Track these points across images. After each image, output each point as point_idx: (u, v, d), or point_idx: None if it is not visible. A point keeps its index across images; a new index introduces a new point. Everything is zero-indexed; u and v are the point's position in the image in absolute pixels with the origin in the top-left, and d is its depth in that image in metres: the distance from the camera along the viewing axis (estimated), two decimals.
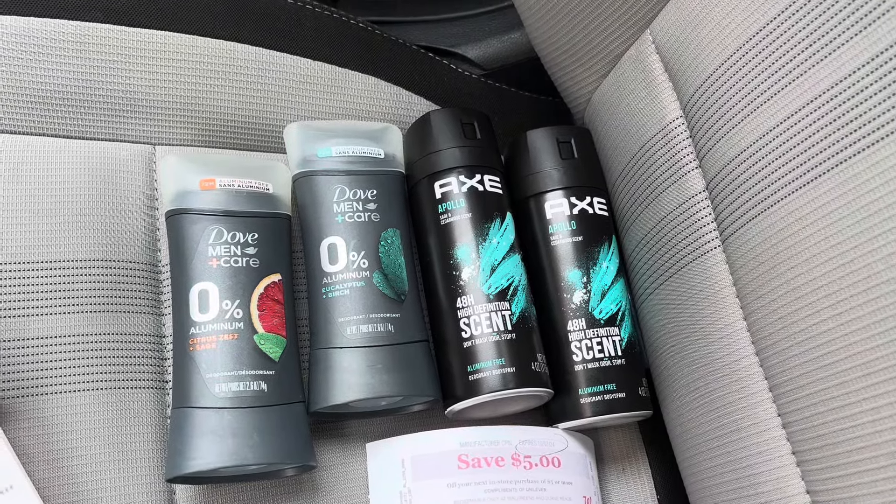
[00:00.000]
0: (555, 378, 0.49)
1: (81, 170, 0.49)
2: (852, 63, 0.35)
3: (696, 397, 0.47)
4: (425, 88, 0.59)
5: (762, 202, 0.40)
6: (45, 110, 0.49)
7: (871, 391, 0.34)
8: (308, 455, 0.44)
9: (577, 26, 0.53)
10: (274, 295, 0.46)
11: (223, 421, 0.42)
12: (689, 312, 0.47)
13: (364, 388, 0.45)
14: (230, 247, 0.46)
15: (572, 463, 0.49)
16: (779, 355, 0.40)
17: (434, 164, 0.51)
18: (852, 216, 0.35)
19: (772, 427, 0.41)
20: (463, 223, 0.49)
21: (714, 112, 0.43)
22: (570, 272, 0.50)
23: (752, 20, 0.40)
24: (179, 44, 0.52)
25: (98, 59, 0.50)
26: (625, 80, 0.52)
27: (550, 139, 0.53)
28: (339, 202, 0.49)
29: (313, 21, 0.56)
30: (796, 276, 0.38)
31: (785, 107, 0.38)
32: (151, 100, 0.51)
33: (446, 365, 0.48)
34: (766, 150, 0.40)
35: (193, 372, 0.43)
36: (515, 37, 0.66)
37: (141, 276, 0.48)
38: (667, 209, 0.48)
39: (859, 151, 0.35)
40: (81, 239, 0.47)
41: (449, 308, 0.48)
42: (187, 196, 0.47)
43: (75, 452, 0.43)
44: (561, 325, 0.50)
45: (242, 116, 0.54)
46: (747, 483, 0.42)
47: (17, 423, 0.43)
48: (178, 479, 0.43)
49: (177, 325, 0.45)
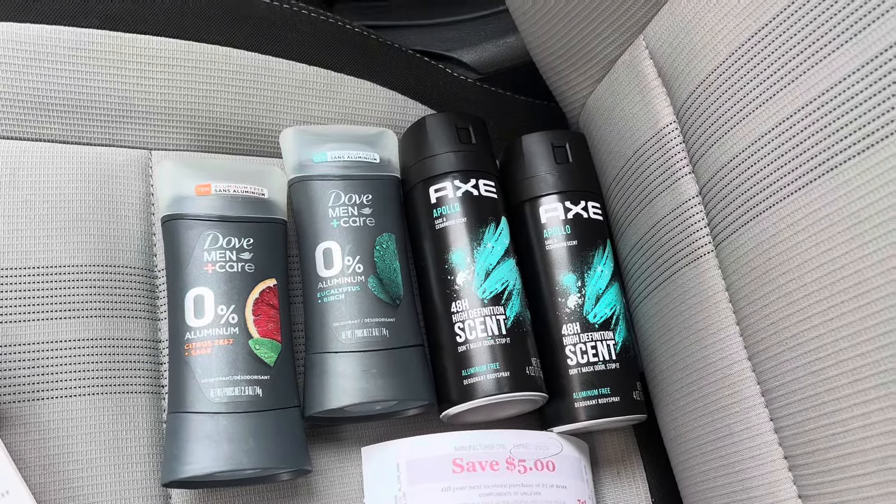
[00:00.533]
0: (549, 382, 0.50)
1: (78, 175, 0.49)
2: (844, 69, 0.35)
3: (689, 401, 0.47)
4: (421, 93, 0.59)
5: (755, 207, 0.40)
6: (41, 116, 0.49)
7: (861, 397, 0.34)
8: (303, 459, 0.45)
9: (571, 31, 0.53)
10: (269, 300, 0.46)
11: (219, 426, 0.42)
12: (682, 317, 0.47)
13: (359, 392, 0.45)
14: (225, 252, 0.46)
15: (567, 467, 0.49)
16: (771, 360, 0.40)
17: (429, 169, 0.51)
18: (843, 222, 0.35)
19: (764, 431, 0.41)
20: (458, 228, 0.50)
21: (707, 117, 0.43)
22: (564, 276, 0.50)
23: (745, 26, 0.40)
24: (175, 49, 0.52)
25: (94, 64, 0.50)
26: (619, 85, 0.52)
27: (545, 144, 0.53)
28: (335, 207, 0.49)
29: (309, 26, 0.57)
30: (788, 282, 0.38)
31: (777, 112, 0.39)
32: (147, 105, 0.52)
33: (441, 369, 0.48)
34: (759, 155, 0.40)
35: (189, 377, 0.43)
36: (510, 41, 0.66)
37: (137, 282, 0.48)
38: (660, 214, 0.48)
39: (851, 157, 0.35)
40: (77, 244, 0.47)
41: (444, 312, 0.49)
42: (183, 201, 0.47)
43: (71, 457, 0.43)
44: (555, 329, 0.50)
45: (238, 121, 0.54)
46: (740, 487, 0.43)
47: (13, 427, 0.43)
48: (174, 483, 0.43)
49: (172, 330, 0.45)
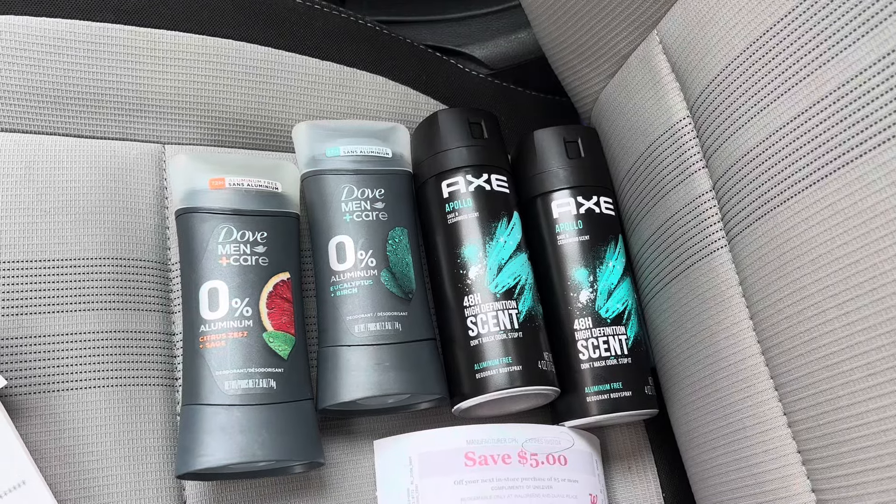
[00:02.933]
0: (561, 376, 0.50)
1: (92, 169, 0.49)
2: (859, 64, 0.35)
3: (701, 396, 0.47)
4: (433, 88, 0.59)
5: (769, 202, 0.40)
6: (56, 110, 0.50)
7: (876, 391, 0.34)
8: (316, 452, 0.45)
9: (584, 26, 0.53)
10: (283, 293, 0.46)
11: (232, 418, 0.43)
12: (695, 312, 0.47)
13: (372, 385, 0.45)
14: (239, 245, 0.46)
15: (578, 461, 0.49)
16: (784, 354, 0.40)
17: (441, 164, 0.51)
18: (858, 217, 0.35)
19: (777, 426, 0.41)
20: (470, 222, 0.50)
21: (721, 112, 0.43)
22: (576, 271, 0.50)
23: (759, 21, 0.40)
24: (189, 44, 0.52)
25: (109, 59, 0.51)
26: (632, 80, 0.52)
27: (557, 139, 0.53)
28: (347, 201, 0.49)
29: (322, 21, 0.57)
30: (802, 277, 0.38)
31: (792, 107, 0.38)
32: (161, 99, 0.52)
33: (453, 363, 0.48)
34: (773, 150, 0.40)
35: (203, 369, 0.44)
36: (522, 36, 0.66)
37: (151, 275, 0.49)
38: (673, 209, 0.48)
39: (866, 152, 0.35)
40: (92, 237, 0.47)
41: (456, 306, 0.49)
42: (197, 195, 0.47)
43: (86, 449, 0.44)
44: (567, 324, 0.50)
45: (251, 116, 0.54)
46: (753, 481, 0.43)
47: (29, 419, 0.43)
48: (188, 475, 0.43)
49: (187, 322, 0.45)
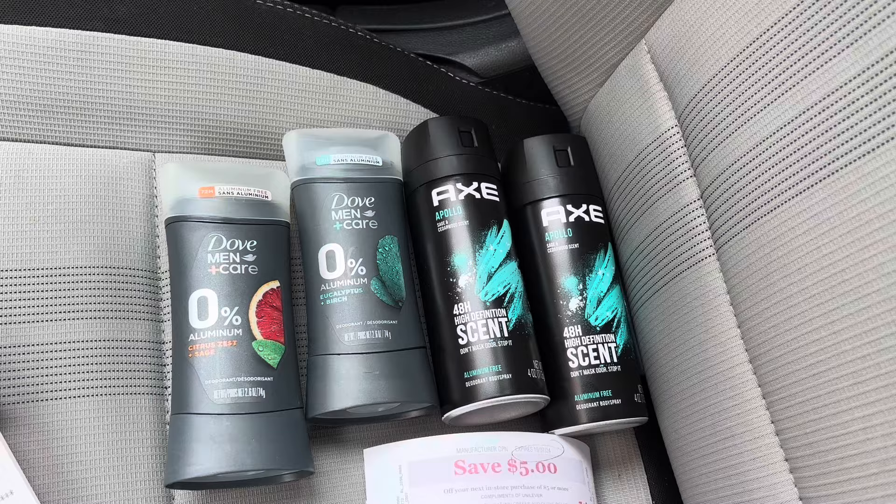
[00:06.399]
0: (551, 384, 0.50)
1: (81, 177, 0.49)
2: (844, 74, 0.35)
3: (690, 404, 0.47)
4: (423, 96, 0.60)
5: (756, 211, 0.40)
6: (45, 118, 0.50)
7: (862, 399, 0.34)
8: (306, 461, 0.45)
9: (573, 35, 0.53)
10: (272, 302, 0.46)
11: (222, 427, 0.42)
12: (683, 320, 0.47)
13: (361, 394, 0.45)
14: (229, 254, 0.46)
15: (568, 469, 0.49)
16: (772, 363, 0.40)
17: (431, 172, 0.51)
18: (844, 226, 0.35)
19: (765, 434, 0.41)
20: (460, 230, 0.50)
21: (709, 122, 0.44)
22: (566, 279, 0.51)
23: (746, 32, 0.41)
24: (179, 52, 0.52)
25: (98, 67, 0.51)
26: (620, 90, 0.52)
27: (547, 147, 0.54)
28: (338, 209, 0.49)
29: (312, 30, 0.57)
30: (789, 285, 0.38)
31: (778, 117, 0.39)
32: (151, 108, 0.52)
33: (443, 371, 0.49)
34: (760, 159, 0.40)
35: (192, 378, 0.43)
36: (512, 45, 0.67)
37: (140, 283, 0.48)
38: (662, 217, 0.48)
39: (851, 162, 0.35)
40: (81, 246, 0.47)
41: (446, 315, 0.49)
42: (187, 203, 0.47)
43: (75, 458, 0.44)
44: (557, 332, 0.50)
45: (241, 124, 0.54)
46: (741, 489, 0.43)
47: (17, 428, 0.43)
48: (177, 484, 0.43)
49: (176, 331, 0.45)
